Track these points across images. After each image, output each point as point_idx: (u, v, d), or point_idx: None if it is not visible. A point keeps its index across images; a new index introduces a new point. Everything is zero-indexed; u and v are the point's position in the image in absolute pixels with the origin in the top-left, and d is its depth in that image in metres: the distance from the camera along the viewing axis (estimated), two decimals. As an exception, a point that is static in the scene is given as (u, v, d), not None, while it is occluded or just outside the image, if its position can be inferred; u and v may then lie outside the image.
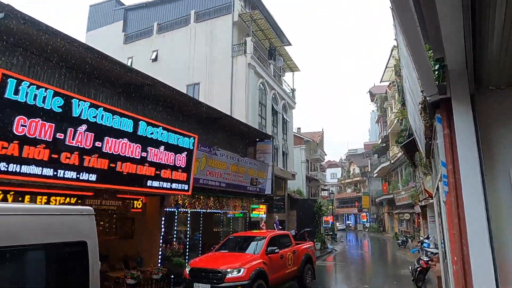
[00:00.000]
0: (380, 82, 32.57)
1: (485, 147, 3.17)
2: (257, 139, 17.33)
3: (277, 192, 21.35)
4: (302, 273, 10.06)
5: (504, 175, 3.04)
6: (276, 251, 8.88)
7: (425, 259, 11.40)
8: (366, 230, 48.66)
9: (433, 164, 7.11)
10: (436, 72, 3.43)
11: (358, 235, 43.13)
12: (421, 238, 20.20)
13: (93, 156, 7.48)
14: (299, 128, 38.07)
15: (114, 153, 7.96)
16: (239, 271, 7.66)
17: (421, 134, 6.31)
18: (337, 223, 47.06)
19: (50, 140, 6.63)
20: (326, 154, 43.44)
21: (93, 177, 7.51)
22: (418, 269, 10.94)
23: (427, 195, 14.18)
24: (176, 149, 9.83)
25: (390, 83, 30.40)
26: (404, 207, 29.30)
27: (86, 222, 4.11)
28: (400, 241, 25.81)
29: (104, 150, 7.72)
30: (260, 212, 16.03)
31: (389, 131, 31.07)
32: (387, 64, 27.82)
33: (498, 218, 3.06)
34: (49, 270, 3.83)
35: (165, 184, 9.51)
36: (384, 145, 36.15)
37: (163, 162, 9.40)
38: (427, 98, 3.55)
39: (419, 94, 3.74)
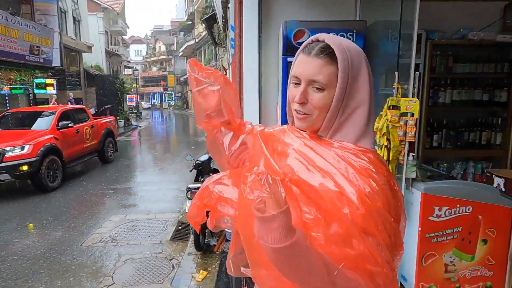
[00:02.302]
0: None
1: (265, 4, 3.54)
2: (34, -5, 13.55)
3: (70, 67, 18.49)
4: (102, 147, 9.86)
5: (275, 32, 3.57)
6: (70, 125, 8.13)
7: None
8: (171, 108, 50.70)
9: (228, 37, 7.71)
10: None
11: (164, 112, 44.59)
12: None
13: None
14: (94, -9, 31.80)
15: None
16: (22, 149, 6.69)
17: (219, 4, 6.52)
18: (142, 102, 46.70)
19: None
20: (128, 27, 39.29)
21: None
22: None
23: (224, 71, 15.73)
24: None
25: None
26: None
27: None
28: (200, 115, 28.48)
29: None
30: (48, 88, 13.72)
31: (195, 7, 30.59)
32: None
33: (266, 72, 3.71)
34: None
35: None
36: (190, 22, 35.83)
37: None
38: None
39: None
